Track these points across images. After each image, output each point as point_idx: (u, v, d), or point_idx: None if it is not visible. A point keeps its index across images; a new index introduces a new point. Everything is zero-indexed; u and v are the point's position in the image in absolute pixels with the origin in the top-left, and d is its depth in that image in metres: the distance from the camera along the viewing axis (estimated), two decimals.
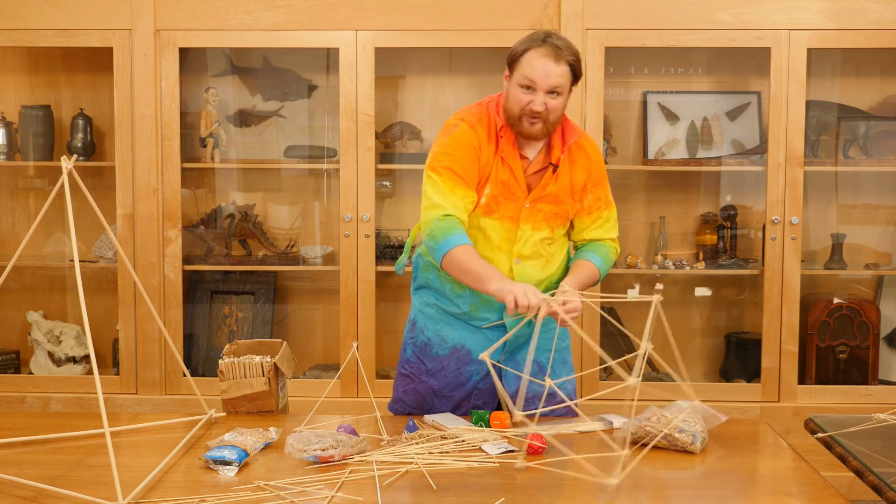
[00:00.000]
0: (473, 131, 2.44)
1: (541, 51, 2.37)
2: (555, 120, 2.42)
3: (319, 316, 4.22)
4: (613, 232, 2.61)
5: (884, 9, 3.67)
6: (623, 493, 1.92)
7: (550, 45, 2.37)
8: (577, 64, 2.40)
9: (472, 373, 2.55)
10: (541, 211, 2.47)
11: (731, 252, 4.04)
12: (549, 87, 2.37)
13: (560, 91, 2.38)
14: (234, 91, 4.15)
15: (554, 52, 2.36)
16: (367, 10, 3.73)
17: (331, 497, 1.85)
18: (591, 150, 2.55)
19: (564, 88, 2.39)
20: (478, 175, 2.43)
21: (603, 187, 2.57)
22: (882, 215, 4.12)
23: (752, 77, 4.08)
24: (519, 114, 2.40)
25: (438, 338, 2.57)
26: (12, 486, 1.92)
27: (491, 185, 2.44)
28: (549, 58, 2.36)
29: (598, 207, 2.56)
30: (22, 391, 3.89)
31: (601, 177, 2.57)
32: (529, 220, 2.46)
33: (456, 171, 2.41)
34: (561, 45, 2.38)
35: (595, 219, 2.57)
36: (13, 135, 4.05)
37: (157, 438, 2.28)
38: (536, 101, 2.37)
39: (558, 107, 2.40)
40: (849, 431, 2.29)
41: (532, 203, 2.46)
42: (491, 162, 2.44)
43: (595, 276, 2.52)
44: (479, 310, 2.51)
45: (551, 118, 2.40)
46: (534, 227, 2.47)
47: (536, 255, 2.49)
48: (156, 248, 3.82)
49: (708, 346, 4.20)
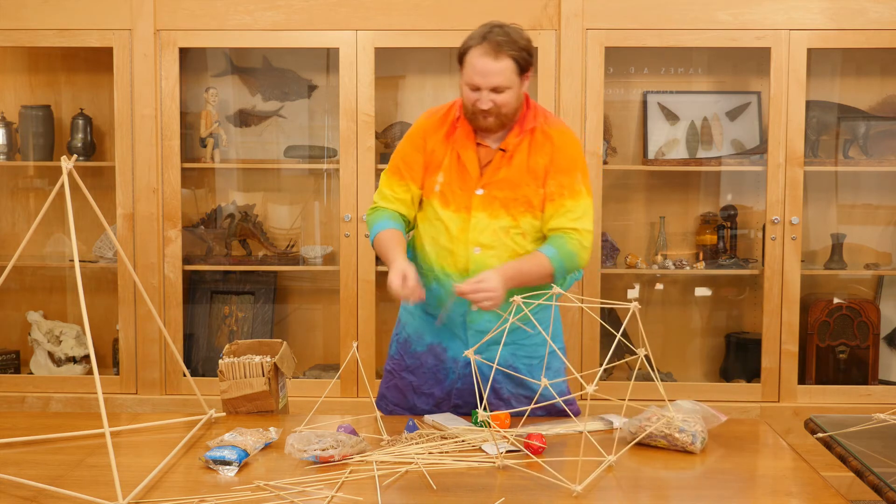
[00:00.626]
0: (427, 119, 2.53)
1: (480, 49, 2.37)
2: (508, 112, 2.42)
3: (319, 316, 4.22)
4: (579, 223, 2.44)
5: (884, 9, 3.67)
6: (623, 493, 1.92)
7: (490, 42, 2.36)
8: (520, 55, 2.38)
9: (448, 371, 2.55)
10: (496, 198, 2.44)
11: (731, 252, 4.04)
12: (490, 86, 2.37)
13: (505, 87, 2.37)
14: (234, 91, 4.15)
15: (493, 49, 2.35)
16: (367, 10, 3.73)
17: (331, 497, 1.85)
18: (559, 138, 2.47)
19: (510, 82, 2.38)
20: (423, 160, 2.49)
21: (569, 175, 2.45)
22: (882, 215, 4.12)
23: (752, 77, 4.08)
24: (471, 110, 2.42)
25: (417, 334, 2.59)
26: (12, 486, 1.92)
27: (444, 173, 2.46)
28: (488, 56, 2.35)
29: (560, 195, 2.44)
30: (22, 391, 3.89)
31: (569, 165, 2.46)
32: (485, 207, 2.44)
33: (398, 165, 2.52)
34: (502, 39, 2.36)
35: (557, 207, 2.44)
36: (13, 135, 4.05)
37: (157, 438, 2.28)
38: (482, 99, 2.38)
39: (507, 101, 2.39)
40: (849, 431, 2.29)
41: (486, 189, 2.44)
42: (441, 149, 2.47)
43: (543, 267, 2.39)
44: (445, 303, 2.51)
45: (503, 111, 2.41)
46: (491, 215, 2.44)
47: (500, 245, 2.44)
48: (156, 248, 3.82)
49: (708, 346, 4.20)
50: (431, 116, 2.54)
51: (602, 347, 3.83)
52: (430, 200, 2.49)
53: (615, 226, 4.09)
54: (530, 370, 2.54)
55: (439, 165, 2.48)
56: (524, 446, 2.12)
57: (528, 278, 2.39)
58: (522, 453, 2.11)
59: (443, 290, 2.49)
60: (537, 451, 2.11)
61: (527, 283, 2.39)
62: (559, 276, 2.43)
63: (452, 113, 2.51)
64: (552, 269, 2.40)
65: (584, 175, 2.48)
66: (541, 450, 2.12)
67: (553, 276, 2.42)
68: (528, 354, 2.54)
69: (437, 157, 2.48)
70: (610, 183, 4.04)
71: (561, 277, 2.45)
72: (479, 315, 2.47)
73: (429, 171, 2.50)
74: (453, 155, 2.47)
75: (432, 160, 2.49)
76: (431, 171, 2.48)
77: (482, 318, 2.48)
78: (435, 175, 2.48)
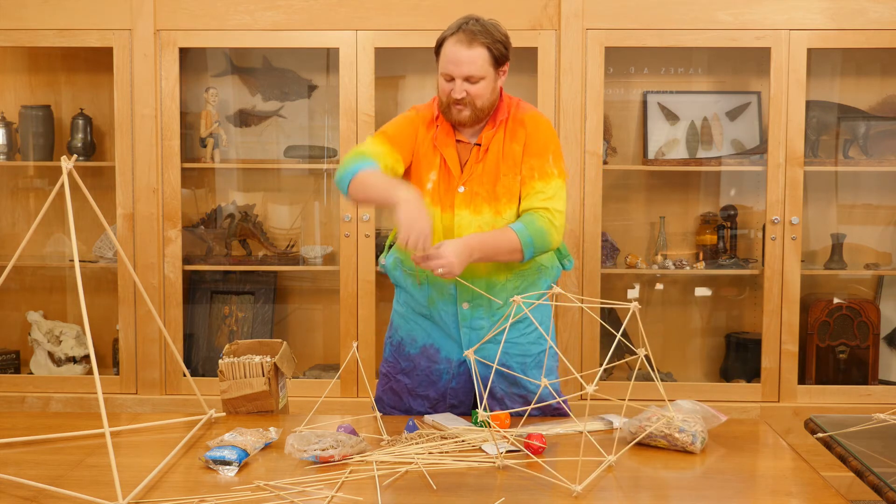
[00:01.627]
0: (416, 115, 2.52)
1: (454, 38, 2.39)
2: (482, 105, 2.41)
3: (319, 316, 4.22)
4: (550, 203, 2.41)
5: (884, 9, 3.67)
6: (623, 493, 1.92)
7: (465, 32, 2.37)
8: (494, 46, 2.38)
9: (442, 371, 2.55)
10: (477, 194, 2.44)
11: (731, 252, 4.04)
12: (463, 75, 2.37)
13: (479, 77, 2.38)
14: (234, 91, 4.15)
15: (467, 38, 2.36)
16: (367, 10, 3.73)
17: (331, 497, 1.85)
18: (530, 122, 2.47)
19: (484, 72, 2.38)
20: (413, 145, 2.47)
21: (539, 158, 2.44)
22: (882, 215, 4.12)
23: (752, 77, 4.08)
24: (446, 102, 2.43)
25: (410, 337, 2.58)
26: (12, 486, 1.92)
27: (436, 171, 2.46)
28: (461, 44, 2.37)
29: (531, 178, 2.43)
30: (22, 391, 3.89)
31: (540, 148, 2.45)
32: (468, 204, 2.44)
33: (387, 132, 2.47)
34: (476, 29, 2.37)
35: (529, 189, 2.43)
36: (13, 135, 4.05)
37: (157, 438, 2.28)
38: (456, 88, 2.38)
39: (481, 92, 2.39)
40: (849, 431, 2.29)
41: (467, 186, 2.44)
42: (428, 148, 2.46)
43: (510, 241, 2.36)
44: (437, 303, 2.51)
45: (477, 104, 2.41)
46: (474, 212, 2.44)
47: None
48: (156, 248, 3.82)
49: (708, 346, 4.20)
50: (420, 112, 2.53)
51: (602, 347, 3.83)
52: None
53: (615, 226, 4.09)
54: (523, 369, 2.53)
55: (430, 164, 2.47)
56: (524, 446, 2.12)
57: (493, 250, 2.36)
58: (522, 453, 2.11)
59: (433, 289, 2.49)
60: (537, 451, 2.11)
61: (492, 254, 2.36)
62: (528, 251, 2.38)
63: (432, 111, 2.51)
64: (519, 244, 2.36)
65: (556, 157, 2.46)
66: (541, 450, 2.12)
67: (522, 252, 2.38)
68: (521, 353, 2.54)
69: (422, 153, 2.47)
70: (610, 183, 4.04)
71: (530, 255, 2.40)
72: (471, 312, 2.48)
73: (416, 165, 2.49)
74: (439, 154, 2.47)
75: (419, 153, 2.48)
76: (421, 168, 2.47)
77: (473, 316, 2.48)
78: (428, 173, 2.47)
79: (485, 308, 2.48)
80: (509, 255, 2.38)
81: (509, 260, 2.40)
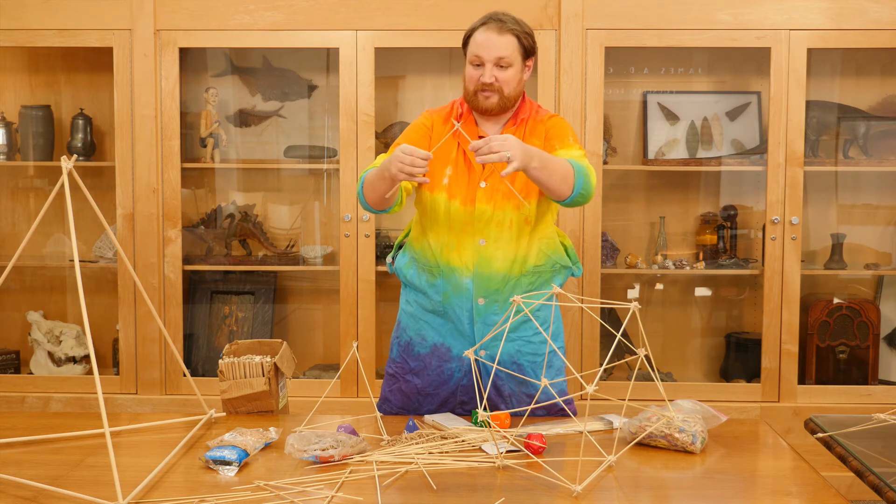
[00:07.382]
0: (429, 115, 2.55)
1: (485, 27, 2.44)
2: (509, 93, 2.44)
3: (319, 316, 4.23)
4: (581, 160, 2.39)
5: (884, 9, 3.67)
6: (623, 493, 1.92)
7: (495, 20, 2.43)
8: (524, 36, 2.43)
9: (454, 370, 2.55)
10: (499, 189, 2.45)
11: (731, 252, 4.04)
12: (494, 59, 2.41)
13: (508, 62, 2.42)
14: (234, 91, 4.15)
15: (497, 26, 2.42)
16: (367, 10, 3.73)
17: (331, 497, 1.85)
18: (549, 121, 2.51)
19: (513, 59, 2.42)
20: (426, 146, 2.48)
21: (560, 139, 2.45)
22: (882, 215, 4.12)
23: (752, 77, 4.08)
24: (473, 89, 2.45)
25: (419, 337, 2.58)
26: (12, 486, 1.92)
27: (452, 166, 2.47)
28: (492, 31, 2.42)
29: (552, 149, 2.43)
30: (22, 391, 3.89)
31: (560, 132, 2.47)
32: (489, 199, 2.45)
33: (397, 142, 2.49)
34: (506, 18, 2.44)
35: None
36: (13, 135, 4.05)
37: (157, 438, 2.28)
38: (486, 73, 2.42)
39: (510, 79, 2.43)
40: (849, 431, 2.29)
41: (488, 181, 2.46)
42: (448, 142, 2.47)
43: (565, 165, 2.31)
44: (451, 298, 2.50)
45: (505, 91, 2.43)
46: (496, 207, 2.45)
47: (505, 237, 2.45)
48: (156, 248, 3.82)
49: (708, 346, 4.20)
50: (433, 114, 2.57)
51: (602, 347, 3.83)
52: (436, 195, 2.48)
53: (615, 226, 4.09)
54: (534, 368, 2.54)
55: (447, 159, 2.48)
56: (524, 446, 2.12)
57: (551, 165, 2.29)
58: (522, 453, 2.11)
59: (448, 285, 2.49)
60: (537, 451, 2.11)
61: (550, 169, 2.28)
62: (578, 182, 2.32)
63: (455, 110, 2.54)
64: (572, 171, 2.31)
65: (574, 139, 2.49)
66: (541, 450, 2.12)
67: (574, 181, 2.31)
68: (532, 352, 2.55)
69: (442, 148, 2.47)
70: (610, 183, 4.04)
71: (580, 187, 2.32)
72: (486, 307, 2.48)
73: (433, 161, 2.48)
74: (459, 149, 2.48)
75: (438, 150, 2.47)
76: (437, 162, 2.47)
77: (488, 311, 2.48)
78: (444, 168, 2.48)
79: (500, 304, 2.48)
80: (562, 181, 2.30)
81: (559, 187, 2.30)
